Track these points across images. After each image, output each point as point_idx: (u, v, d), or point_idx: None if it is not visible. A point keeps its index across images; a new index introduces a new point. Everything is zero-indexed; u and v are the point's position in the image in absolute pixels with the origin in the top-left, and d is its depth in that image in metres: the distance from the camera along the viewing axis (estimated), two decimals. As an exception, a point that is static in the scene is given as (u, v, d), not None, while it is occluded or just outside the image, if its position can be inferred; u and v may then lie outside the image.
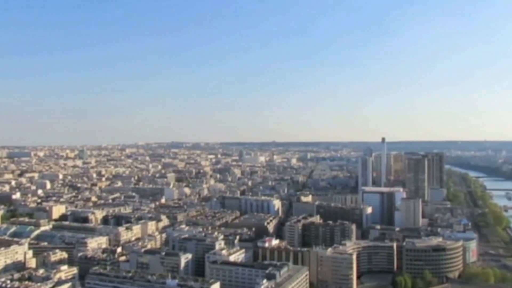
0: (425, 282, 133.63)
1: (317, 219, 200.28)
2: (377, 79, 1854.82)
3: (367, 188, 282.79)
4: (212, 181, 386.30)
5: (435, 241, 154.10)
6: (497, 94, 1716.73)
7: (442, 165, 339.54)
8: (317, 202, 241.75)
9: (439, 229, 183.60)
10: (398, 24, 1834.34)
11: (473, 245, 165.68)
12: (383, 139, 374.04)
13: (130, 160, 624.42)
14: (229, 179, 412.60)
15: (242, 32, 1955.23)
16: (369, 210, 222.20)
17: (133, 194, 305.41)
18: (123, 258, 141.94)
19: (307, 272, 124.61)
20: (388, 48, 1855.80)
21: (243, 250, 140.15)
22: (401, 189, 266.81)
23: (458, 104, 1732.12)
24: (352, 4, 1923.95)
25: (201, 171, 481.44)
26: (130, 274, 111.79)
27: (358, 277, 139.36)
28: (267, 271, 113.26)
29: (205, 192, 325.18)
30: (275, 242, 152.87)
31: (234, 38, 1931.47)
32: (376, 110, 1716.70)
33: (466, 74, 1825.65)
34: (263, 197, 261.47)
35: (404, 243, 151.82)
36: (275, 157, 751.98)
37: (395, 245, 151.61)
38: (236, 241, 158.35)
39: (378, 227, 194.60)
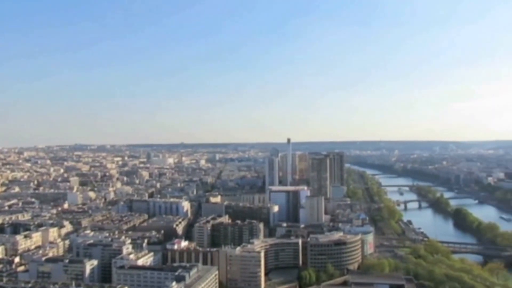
0: (328, 274, 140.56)
1: (226, 219, 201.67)
2: (281, 81, 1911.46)
3: (273, 188, 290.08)
4: (118, 184, 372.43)
5: (337, 235, 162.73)
6: (389, 95, 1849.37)
7: (342, 164, 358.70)
8: (226, 203, 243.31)
9: (340, 224, 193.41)
10: (299, 29, 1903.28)
11: (370, 238, 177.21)
12: (289, 140, 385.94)
13: (29, 164, 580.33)
14: (137, 181, 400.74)
15: (147, 29, 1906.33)
16: (276, 208, 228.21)
17: (33, 200, 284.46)
18: (21, 268, 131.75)
19: (217, 272, 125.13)
20: (291, 51, 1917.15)
21: (152, 254, 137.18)
22: (306, 188, 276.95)
23: (355, 106, 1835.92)
24: (256, 7, 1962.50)
25: (107, 174, 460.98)
26: (29, 285, 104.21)
27: (266, 274, 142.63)
28: (176, 273, 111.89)
29: (112, 195, 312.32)
30: (184, 243, 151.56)
31: (140, 35, 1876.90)
32: (281, 112, 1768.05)
33: (360, 77, 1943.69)
34: (171, 199, 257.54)
35: (309, 239, 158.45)
36: (183, 158, 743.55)
37: (300, 241, 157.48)
38: (144, 245, 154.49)
39: (285, 224, 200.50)
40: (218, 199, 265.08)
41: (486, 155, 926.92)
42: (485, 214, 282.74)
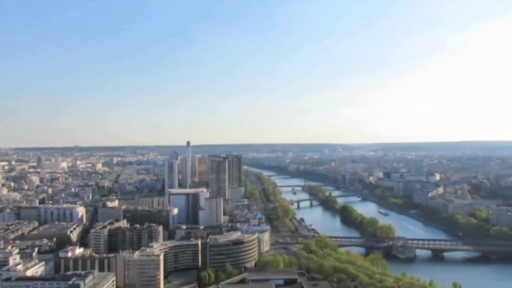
0: (227, 273, 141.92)
1: (124, 223, 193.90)
2: (181, 85, 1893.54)
3: (173, 190, 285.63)
4: (4, 191, 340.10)
5: (235, 235, 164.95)
6: (283, 101, 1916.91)
7: (240, 166, 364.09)
8: (124, 207, 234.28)
9: (238, 224, 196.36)
10: (199, 34, 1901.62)
11: (266, 236, 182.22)
12: (188, 143, 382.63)
13: None
14: (26, 187, 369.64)
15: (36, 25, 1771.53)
16: (175, 211, 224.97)
17: None
18: None
19: (114, 278, 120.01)
20: (191, 56, 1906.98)
21: (43, 263, 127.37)
22: (205, 190, 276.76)
23: (252, 110, 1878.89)
24: (156, 11, 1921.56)
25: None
26: None
27: (166, 277, 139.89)
28: (70, 282, 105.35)
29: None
30: (79, 251, 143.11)
31: (38, 35, 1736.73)
32: (182, 115, 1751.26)
33: (257, 82, 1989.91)
34: (65, 205, 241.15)
35: (208, 240, 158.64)
36: (78, 162, 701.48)
37: (199, 242, 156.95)
38: (34, 254, 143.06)
39: (184, 226, 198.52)
40: (115, 203, 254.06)
41: (368, 156, 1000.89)
42: (367, 210, 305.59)
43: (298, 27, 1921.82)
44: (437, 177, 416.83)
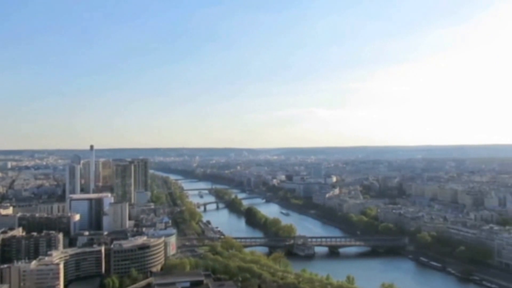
0: (132, 279, 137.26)
1: (19, 231, 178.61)
2: (83, 89, 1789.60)
3: (75, 196, 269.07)
4: None
5: (141, 240, 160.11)
6: (191, 106, 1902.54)
7: (146, 170, 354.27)
8: (19, 214, 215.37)
9: (144, 229, 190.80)
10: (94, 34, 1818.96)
11: (173, 239, 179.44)
12: (92, 146, 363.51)
13: None
14: None
15: None
16: (77, 217, 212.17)
17: None
18: None
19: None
20: (91, 60, 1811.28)
21: None
22: (110, 194, 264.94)
23: (157, 113, 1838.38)
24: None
25: None
26: None
27: (66, 286, 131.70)
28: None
29: None
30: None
31: None
32: (85, 118, 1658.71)
33: (164, 86, 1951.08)
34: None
35: (112, 246, 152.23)
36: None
37: (103, 248, 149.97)
38: None
39: (87, 233, 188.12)
40: (10, 210, 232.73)
41: (272, 160, 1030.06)
42: (270, 211, 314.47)
43: (219, 34, 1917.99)
44: (334, 179, 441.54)
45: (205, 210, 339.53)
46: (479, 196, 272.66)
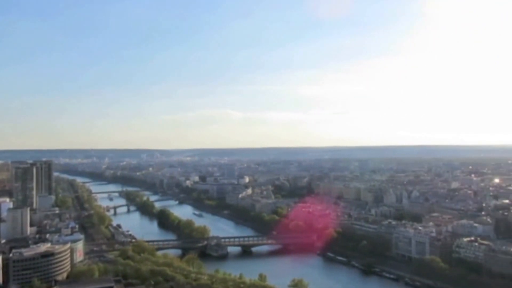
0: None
1: None
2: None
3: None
4: None
5: (44, 247, 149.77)
6: (101, 104, 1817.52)
7: (50, 172, 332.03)
8: None
9: (48, 235, 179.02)
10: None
11: (80, 245, 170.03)
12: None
13: None
14: None
15: None
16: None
17: None
18: None
19: None
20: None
21: None
22: (8, 199, 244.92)
23: (64, 113, 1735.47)
24: None
25: None
26: None
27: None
28: None
29: None
30: None
31: None
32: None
33: (72, 86, 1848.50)
34: None
35: (11, 255, 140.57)
36: None
37: (0, 258, 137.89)
38: None
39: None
40: None
41: (185, 161, 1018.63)
42: (184, 212, 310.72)
43: (113, 33, 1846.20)
44: (247, 179, 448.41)
45: (115, 213, 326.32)
46: (379, 193, 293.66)
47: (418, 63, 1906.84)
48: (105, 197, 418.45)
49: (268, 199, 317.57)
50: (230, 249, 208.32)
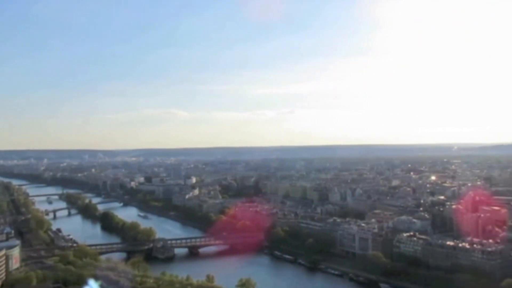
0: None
1: None
2: None
3: None
4: None
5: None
6: (34, 104, 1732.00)
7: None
8: None
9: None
10: None
11: (16, 252, 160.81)
12: None
13: None
14: None
15: None
16: None
17: None
18: None
19: None
20: None
21: None
22: None
23: None
24: None
25: None
26: None
27: None
28: None
29: None
30: None
31: None
32: None
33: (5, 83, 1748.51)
34: None
35: None
36: None
37: None
38: None
39: None
40: None
41: (130, 162, 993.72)
42: (128, 214, 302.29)
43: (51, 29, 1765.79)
44: (194, 180, 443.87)
45: (54, 217, 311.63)
46: (324, 192, 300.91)
47: (363, 64, 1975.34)
48: (43, 200, 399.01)
49: (215, 199, 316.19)
50: (177, 250, 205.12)
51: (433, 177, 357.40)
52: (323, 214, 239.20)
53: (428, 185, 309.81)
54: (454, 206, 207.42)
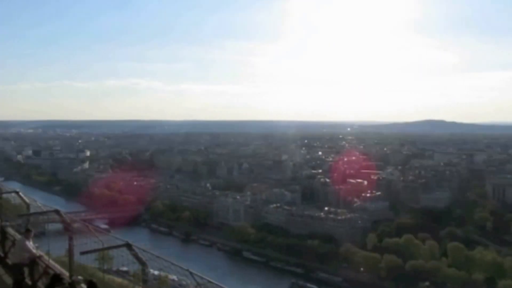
0: None
1: None
2: None
3: None
4: None
5: None
6: None
7: None
8: None
9: None
10: None
11: None
12: None
13: None
14: None
15: None
16: None
17: None
18: None
19: None
20: None
21: None
22: None
23: None
24: None
25: None
26: None
27: None
28: None
29: None
30: None
31: None
32: None
33: None
34: None
35: None
36: None
37: None
38: None
39: None
40: None
41: (25, 134, 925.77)
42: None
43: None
44: (88, 153, 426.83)
45: None
46: (213, 166, 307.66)
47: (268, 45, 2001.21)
48: None
49: (104, 173, 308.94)
50: (51, 226, 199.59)
51: (320, 152, 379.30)
52: (208, 188, 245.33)
53: (312, 160, 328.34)
54: (322, 179, 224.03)
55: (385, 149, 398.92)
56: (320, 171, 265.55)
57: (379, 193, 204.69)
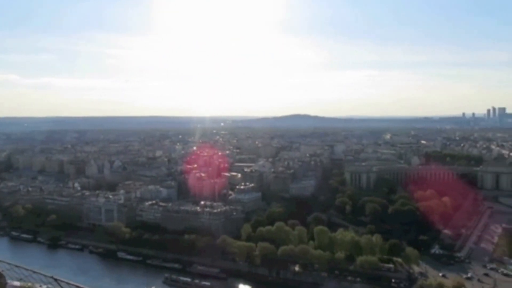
0: None
1: None
2: None
3: None
4: None
5: None
6: None
7: None
8: None
9: None
10: None
11: None
12: None
13: None
14: None
15: None
16: None
17: None
18: None
19: None
20: None
21: None
22: None
23: None
24: None
25: None
26: None
27: None
28: None
29: None
30: None
31: None
32: None
33: None
34: None
35: None
36: None
37: None
38: None
39: None
40: None
41: None
42: None
43: None
44: None
45: None
46: (81, 165, 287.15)
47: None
48: None
49: None
50: None
51: (194, 147, 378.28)
52: (76, 188, 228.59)
53: (187, 155, 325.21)
54: (197, 174, 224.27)
55: (256, 142, 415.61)
56: (195, 166, 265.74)
57: (252, 184, 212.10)
